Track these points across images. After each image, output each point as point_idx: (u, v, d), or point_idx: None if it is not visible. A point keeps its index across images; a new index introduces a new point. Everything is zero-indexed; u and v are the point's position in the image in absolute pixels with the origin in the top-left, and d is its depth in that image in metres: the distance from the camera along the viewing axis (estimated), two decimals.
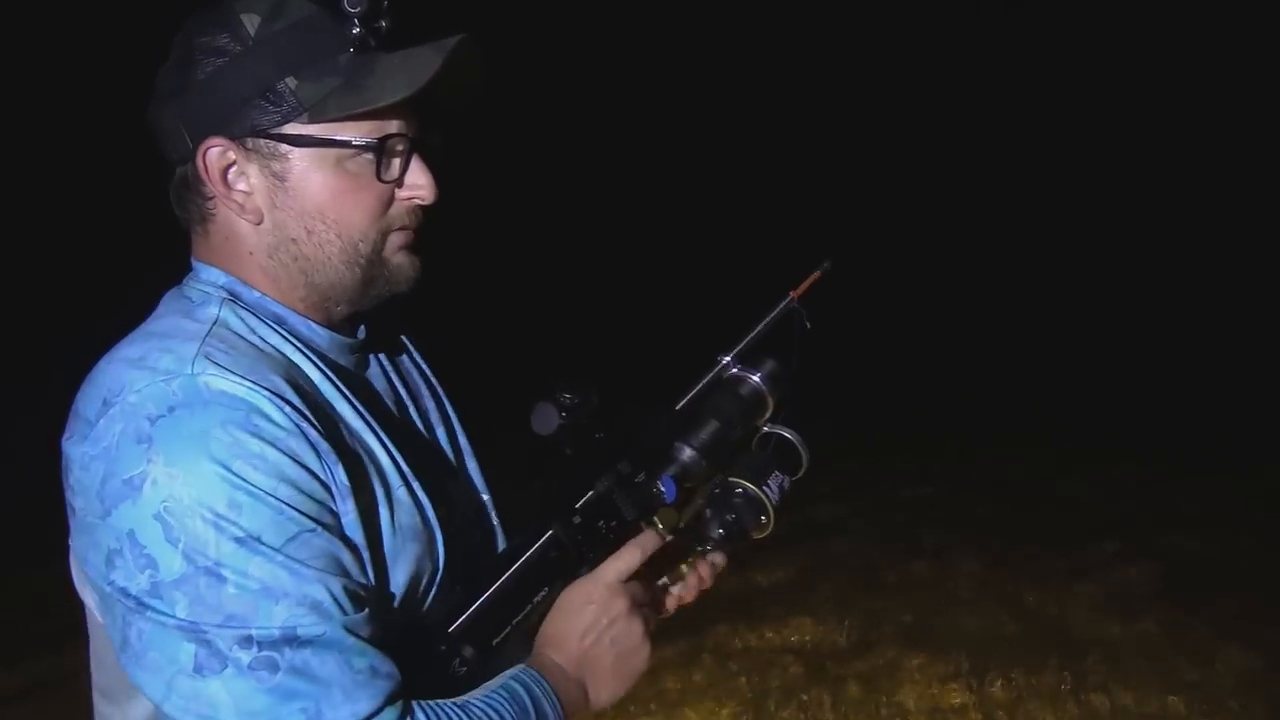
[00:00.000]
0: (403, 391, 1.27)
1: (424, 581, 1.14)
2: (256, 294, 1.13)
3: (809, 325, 1.58)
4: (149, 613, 0.96)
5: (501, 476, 1.39)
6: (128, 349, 1.05)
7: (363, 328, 1.23)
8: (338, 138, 1.08)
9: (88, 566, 1.01)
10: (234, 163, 1.09)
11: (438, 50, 1.07)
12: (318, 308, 1.15)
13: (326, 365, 1.13)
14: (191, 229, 1.15)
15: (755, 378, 1.45)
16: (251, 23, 1.07)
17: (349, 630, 0.99)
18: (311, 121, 1.08)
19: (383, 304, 1.19)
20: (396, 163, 1.12)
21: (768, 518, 1.37)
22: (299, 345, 1.12)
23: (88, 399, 1.02)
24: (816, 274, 1.63)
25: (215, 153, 1.09)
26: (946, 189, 11.14)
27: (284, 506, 0.99)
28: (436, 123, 1.17)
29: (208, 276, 1.13)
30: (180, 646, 0.96)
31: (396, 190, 1.13)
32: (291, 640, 0.96)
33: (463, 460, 1.33)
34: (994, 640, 4.26)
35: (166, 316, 1.10)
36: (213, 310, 1.09)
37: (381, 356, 1.27)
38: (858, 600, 4.73)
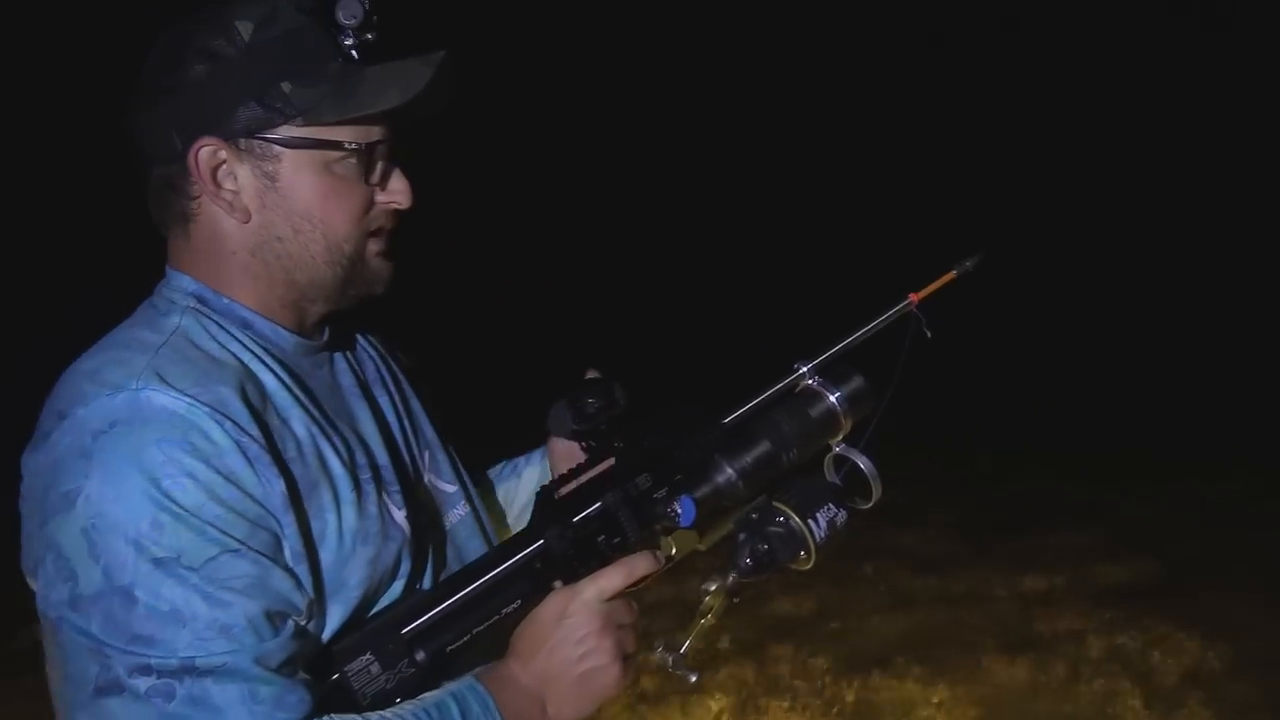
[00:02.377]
0: (364, 390, 1.27)
1: (384, 581, 1.16)
2: (225, 300, 1.16)
3: (929, 335, 1.40)
4: (65, 626, 1.01)
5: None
6: (87, 361, 1.09)
7: (326, 329, 1.24)
8: (331, 139, 1.13)
9: (26, 574, 1.07)
10: (224, 162, 1.12)
11: (426, 64, 1.12)
12: (292, 308, 1.18)
13: (287, 370, 1.16)
14: (170, 232, 1.18)
15: (833, 397, 1.30)
16: (245, 29, 1.11)
17: (258, 659, 1.01)
18: (306, 125, 1.12)
19: (351, 305, 1.22)
20: (380, 167, 1.17)
21: (807, 553, 1.23)
22: (262, 350, 1.15)
23: (47, 411, 1.07)
24: (950, 274, 1.43)
25: (207, 152, 1.12)
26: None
27: (208, 527, 1.01)
28: (407, 133, 1.21)
29: (177, 283, 1.17)
30: (87, 665, 1.00)
31: (377, 195, 1.18)
32: (190, 669, 0.99)
33: (432, 453, 1.33)
34: None
35: (132, 326, 1.14)
36: (174, 320, 1.13)
37: (345, 355, 1.28)
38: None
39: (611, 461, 1.21)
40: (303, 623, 1.07)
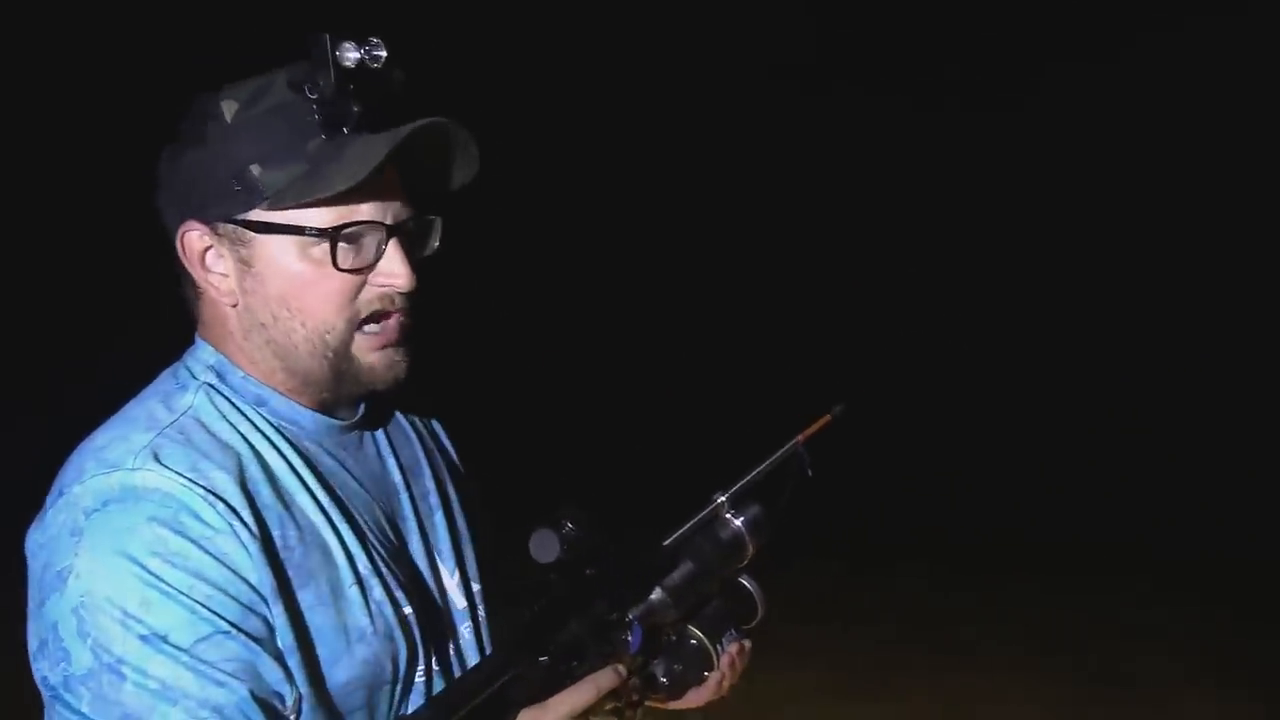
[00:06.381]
0: (396, 476, 1.23)
1: (381, 683, 1.13)
2: (240, 375, 1.14)
3: (810, 473, 1.56)
4: (59, 705, 1.00)
5: None
6: (99, 435, 1.09)
7: (361, 406, 1.20)
8: (295, 224, 1.08)
9: (29, 653, 1.04)
10: (210, 246, 1.11)
11: (391, 137, 1.05)
12: (301, 391, 1.15)
13: (299, 452, 1.13)
14: (190, 307, 1.18)
15: (738, 523, 1.42)
16: (230, 110, 1.09)
17: None
18: (272, 208, 1.08)
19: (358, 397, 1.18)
20: (364, 251, 1.10)
21: (709, 673, 1.36)
22: (274, 430, 1.13)
23: (53, 487, 1.06)
24: (825, 418, 1.60)
25: (193, 236, 1.11)
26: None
27: (198, 606, 1.00)
28: (434, 205, 1.16)
29: (201, 355, 1.16)
30: None
31: (370, 277, 1.11)
32: None
33: (460, 548, 1.29)
34: None
35: (147, 400, 1.13)
36: (188, 398, 1.12)
37: (379, 436, 1.24)
38: None
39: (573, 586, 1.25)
40: (291, 717, 1.04)
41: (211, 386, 1.13)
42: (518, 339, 8.51)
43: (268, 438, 1.12)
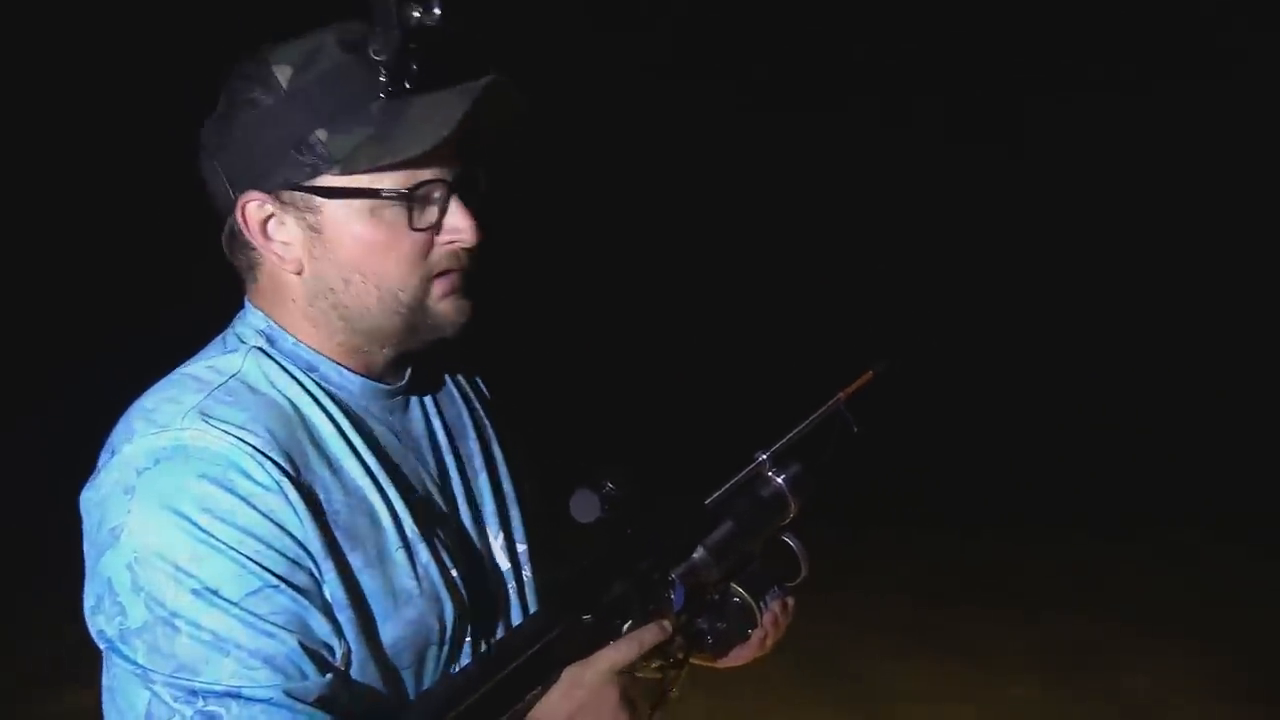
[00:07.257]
0: (438, 439, 1.25)
1: (426, 644, 1.14)
2: (291, 341, 1.15)
3: (855, 430, 1.55)
4: (117, 658, 1.02)
5: None
6: (149, 397, 1.10)
7: (407, 371, 1.22)
8: (369, 187, 1.08)
9: (85, 610, 1.05)
10: (272, 215, 1.11)
11: (463, 95, 1.05)
12: (356, 352, 1.16)
13: (349, 416, 1.14)
14: (243, 275, 1.18)
15: (779, 481, 1.42)
16: (284, 74, 1.07)
17: (303, 694, 1.01)
18: (343, 174, 1.08)
19: (433, 345, 1.19)
20: (432, 210, 1.11)
21: (753, 630, 1.36)
22: (324, 394, 1.14)
23: (104, 446, 1.08)
24: (867, 375, 1.59)
25: (253, 206, 1.11)
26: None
27: (247, 561, 1.01)
28: (481, 157, 1.15)
29: (252, 320, 1.17)
30: (139, 693, 1.01)
31: (435, 235, 1.12)
32: (236, 697, 0.99)
33: (504, 509, 1.30)
34: None
35: (195, 364, 1.14)
36: (237, 361, 1.12)
37: (425, 400, 1.25)
38: None
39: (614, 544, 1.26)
40: (341, 669, 1.06)
41: (261, 351, 1.14)
42: (558, 302, 8.54)
43: (317, 402, 1.13)
